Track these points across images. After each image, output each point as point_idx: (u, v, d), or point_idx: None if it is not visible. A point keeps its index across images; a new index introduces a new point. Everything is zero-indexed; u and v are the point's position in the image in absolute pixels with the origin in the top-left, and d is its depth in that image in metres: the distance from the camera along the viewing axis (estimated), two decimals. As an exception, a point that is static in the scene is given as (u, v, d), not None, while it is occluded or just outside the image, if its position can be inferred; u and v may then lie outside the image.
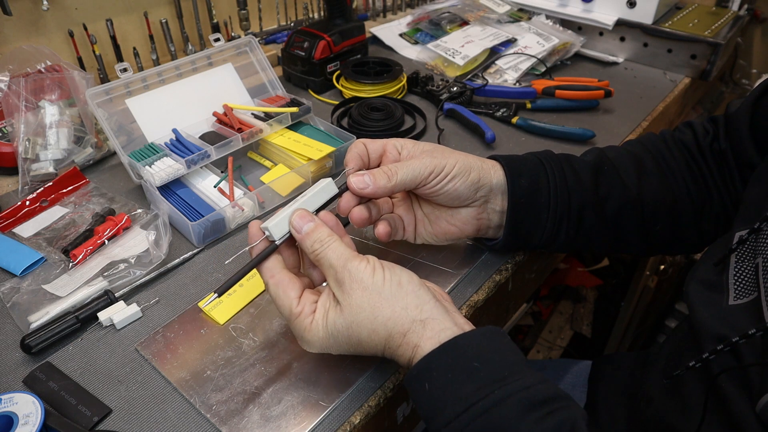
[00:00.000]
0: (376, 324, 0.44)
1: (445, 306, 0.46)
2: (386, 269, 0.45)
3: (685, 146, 0.64)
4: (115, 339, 0.55)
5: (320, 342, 0.45)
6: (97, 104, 0.71)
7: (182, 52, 1.03)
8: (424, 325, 0.43)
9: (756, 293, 0.46)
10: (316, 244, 0.46)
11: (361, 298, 0.44)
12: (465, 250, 0.64)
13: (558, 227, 0.58)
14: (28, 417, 0.41)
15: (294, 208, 0.48)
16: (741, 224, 0.52)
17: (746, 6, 1.37)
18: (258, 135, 0.77)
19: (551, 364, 0.85)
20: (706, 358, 0.47)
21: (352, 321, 0.44)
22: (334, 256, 0.45)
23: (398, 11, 1.34)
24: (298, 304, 0.45)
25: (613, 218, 0.59)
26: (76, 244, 0.63)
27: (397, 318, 0.43)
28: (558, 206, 0.57)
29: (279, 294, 0.46)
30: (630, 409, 0.65)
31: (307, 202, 0.49)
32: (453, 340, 0.42)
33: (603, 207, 0.59)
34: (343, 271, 0.44)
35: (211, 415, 0.47)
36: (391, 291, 0.44)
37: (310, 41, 0.95)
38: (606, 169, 0.60)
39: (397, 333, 0.44)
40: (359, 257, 0.45)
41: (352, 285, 0.44)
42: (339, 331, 0.44)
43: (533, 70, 1.06)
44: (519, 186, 0.56)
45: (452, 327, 0.44)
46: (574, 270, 1.63)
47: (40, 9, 0.83)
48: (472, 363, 0.41)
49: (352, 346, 0.45)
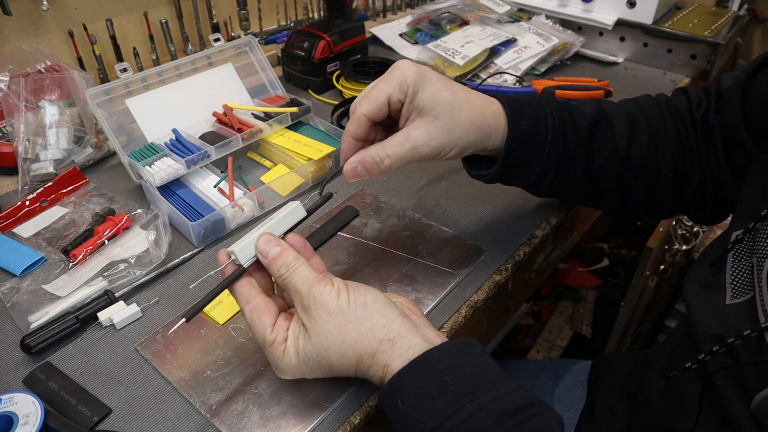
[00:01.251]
0: (345, 347, 0.43)
1: (413, 321, 0.46)
2: (351, 291, 0.45)
3: (678, 114, 0.63)
4: (115, 339, 0.55)
5: (293, 369, 0.45)
6: (97, 104, 0.71)
7: (182, 52, 1.02)
8: (393, 344, 0.43)
9: (752, 293, 0.46)
10: (282, 269, 0.45)
11: (327, 322, 0.43)
12: (465, 250, 0.64)
13: (546, 172, 0.58)
14: (28, 417, 0.41)
15: (260, 231, 0.47)
16: (737, 223, 0.52)
17: (746, 6, 1.37)
18: (258, 135, 0.77)
19: (551, 364, 0.85)
20: (702, 359, 0.47)
21: (320, 346, 0.43)
22: (300, 281, 0.44)
23: (398, 11, 1.34)
24: (271, 332, 0.45)
25: (598, 173, 0.59)
26: (76, 244, 0.63)
27: (364, 340, 0.43)
28: (552, 152, 0.56)
29: (254, 321, 0.45)
30: (629, 410, 0.65)
31: (274, 226, 0.48)
32: (422, 356, 0.42)
33: (592, 160, 0.59)
34: (309, 296, 0.44)
35: (211, 415, 0.47)
36: (357, 313, 0.44)
37: (310, 41, 0.95)
38: (602, 123, 0.60)
39: (366, 354, 0.43)
40: (324, 281, 0.44)
41: (317, 310, 0.44)
42: (310, 358, 0.44)
43: (533, 70, 1.06)
44: (519, 128, 0.55)
45: (421, 343, 0.43)
46: (574, 270, 1.63)
47: (40, 9, 0.83)
48: (442, 378, 0.41)
49: (324, 370, 0.45)
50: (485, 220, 0.69)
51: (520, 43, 1.09)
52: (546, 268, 0.81)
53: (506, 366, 0.88)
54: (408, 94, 0.51)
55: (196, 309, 0.45)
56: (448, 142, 0.52)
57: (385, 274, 0.61)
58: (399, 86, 0.51)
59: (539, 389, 0.80)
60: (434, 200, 0.73)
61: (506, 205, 0.72)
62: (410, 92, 0.51)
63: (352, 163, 0.52)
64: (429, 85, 0.51)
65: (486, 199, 0.73)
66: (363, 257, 0.64)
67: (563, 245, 0.82)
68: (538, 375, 0.82)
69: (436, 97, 0.51)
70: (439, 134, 0.51)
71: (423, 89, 0.51)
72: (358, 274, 0.61)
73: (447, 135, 0.52)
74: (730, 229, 0.52)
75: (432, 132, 0.51)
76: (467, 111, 0.52)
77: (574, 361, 0.83)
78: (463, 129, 0.52)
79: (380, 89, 0.51)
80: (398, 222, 0.69)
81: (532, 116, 0.56)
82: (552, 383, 0.80)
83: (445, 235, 0.66)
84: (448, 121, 0.52)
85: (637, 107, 0.63)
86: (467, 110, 0.52)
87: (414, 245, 0.65)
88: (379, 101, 0.51)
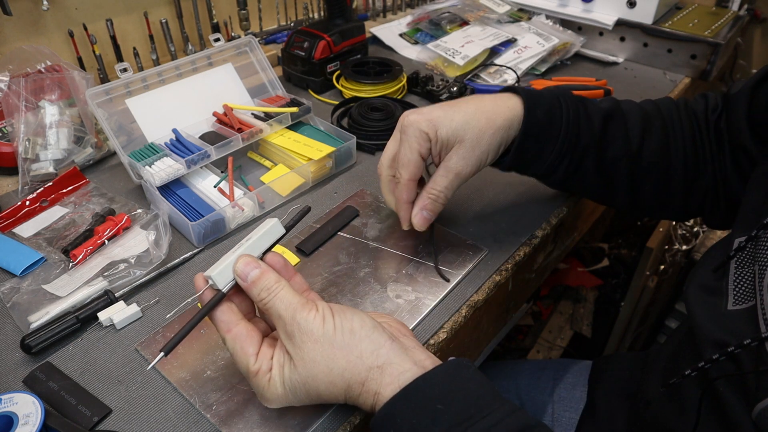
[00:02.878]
0: (333, 376, 0.42)
1: (402, 344, 0.44)
2: (336, 316, 0.43)
3: (695, 116, 0.65)
4: (115, 339, 0.55)
5: (280, 399, 0.43)
6: (97, 104, 0.71)
7: (182, 52, 1.02)
8: (382, 371, 0.42)
9: (754, 300, 0.46)
10: (263, 293, 0.43)
11: (313, 351, 0.42)
12: (465, 250, 0.64)
13: (560, 161, 0.60)
14: (28, 417, 0.41)
15: (238, 253, 0.45)
16: (739, 230, 0.52)
17: (746, 6, 1.37)
18: (258, 135, 0.77)
19: (551, 364, 0.85)
20: (703, 366, 0.46)
21: (307, 375, 0.42)
22: (282, 306, 0.42)
23: (398, 11, 1.34)
24: (255, 361, 0.43)
25: (609, 166, 0.61)
26: (76, 244, 0.63)
27: (353, 368, 0.42)
28: (567, 141, 0.59)
29: (236, 350, 0.43)
30: (629, 410, 0.65)
31: (252, 246, 0.46)
32: (413, 383, 0.41)
33: (604, 153, 0.61)
34: (292, 323, 0.42)
35: (211, 415, 0.47)
36: (344, 340, 0.42)
37: (310, 41, 0.95)
38: (616, 117, 0.62)
39: (356, 383, 0.42)
40: (308, 306, 0.43)
41: (302, 338, 0.42)
42: (297, 387, 0.42)
43: (533, 70, 1.06)
44: (534, 116, 0.58)
45: (412, 368, 0.42)
46: (574, 270, 1.63)
47: (40, 9, 0.83)
48: (435, 405, 0.40)
49: (313, 399, 0.44)
50: (485, 220, 0.69)
51: (520, 43, 1.09)
52: (546, 268, 0.81)
53: (506, 366, 0.88)
54: (432, 140, 0.57)
55: (174, 342, 0.43)
56: (482, 154, 0.57)
57: (385, 274, 0.61)
58: (422, 139, 0.57)
59: (539, 389, 0.80)
60: (434, 200, 0.72)
61: (506, 206, 0.72)
62: (432, 137, 0.57)
63: (416, 215, 0.59)
64: (441, 121, 0.57)
65: (486, 199, 0.73)
66: (363, 257, 0.64)
67: (563, 245, 0.82)
68: (538, 375, 0.82)
69: (452, 125, 0.57)
70: (471, 153, 0.57)
71: (440, 127, 0.56)
72: (358, 274, 0.61)
73: (477, 149, 0.57)
74: (733, 235, 0.52)
75: (464, 154, 0.57)
76: (483, 119, 0.57)
77: (574, 361, 0.83)
78: (488, 135, 0.57)
79: (408, 151, 0.57)
80: (398, 222, 0.69)
81: (547, 106, 0.59)
82: (552, 383, 0.80)
83: (445, 235, 0.66)
84: (473, 138, 0.57)
85: (654, 106, 0.65)
86: (483, 118, 0.57)
87: (414, 245, 0.65)
88: (416, 161, 0.57)
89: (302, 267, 0.63)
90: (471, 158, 0.57)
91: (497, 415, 0.40)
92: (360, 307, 0.58)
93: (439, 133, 0.56)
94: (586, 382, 0.77)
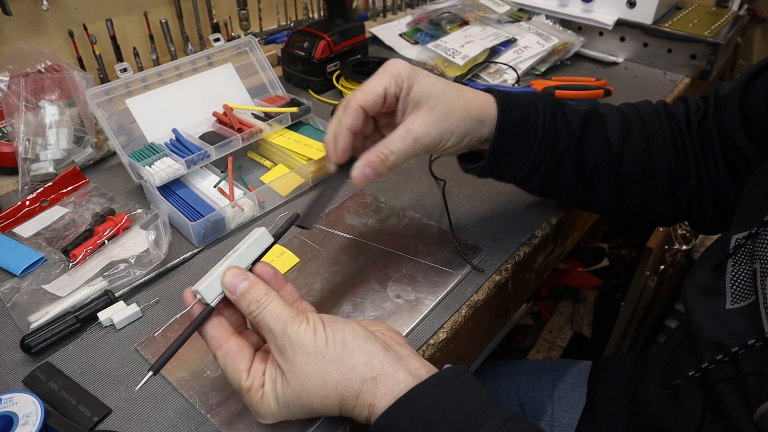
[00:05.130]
0: (326, 389, 0.41)
1: (396, 353, 0.44)
2: (328, 328, 0.42)
3: (675, 119, 0.64)
4: (115, 339, 0.55)
5: (273, 414, 0.43)
6: (97, 104, 0.71)
7: (182, 52, 1.02)
8: (376, 383, 0.41)
9: (753, 297, 0.46)
10: (252, 306, 0.42)
11: (305, 365, 0.41)
12: (465, 250, 0.64)
13: (537, 166, 0.58)
14: (28, 417, 0.41)
15: (226, 265, 0.44)
16: (738, 227, 0.52)
17: (746, 6, 1.37)
18: (258, 135, 0.77)
19: (551, 364, 0.85)
20: (705, 368, 0.46)
21: (300, 390, 0.41)
22: (272, 319, 0.42)
23: (398, 11, 1.34)
24: (247, 378, 0.42)
25: (590, 170, 0.60)
26: (76, 244, 0.63)
27: (347, 381, 0.41)
28: (543, 144, 0.57)
29: (228, 367, 0.43)
30: (629, 411, 0.65)
31: (239, 257, 0.45)
32: (408, 393, 0.40)
33: (583, 156, 0.59)
34: (283, 336, 0.41)
35: (211, 415, 0.47)
36: (336, 352, 0.41)
37: (310, 41, 0.95)
38: (595, 121, 0.60)
39: (350, 395, 0.41)
40: (298, 318, 0.42)
41: (294, 352, 0.41)
42: (290, 402, 0.42)
43: (533, 70, 1.06)
44: (509, 118, 0.56)
45: (406, 378, 0.41)
46: (574, 270, 1.63)
47: (40, 9, 0.83)
48: (431, 416, 0.39)
49: (307, 413, 0.43)
50: (485, 220, 0.69)
51: (520, 43, 1.09)
52: (546, 268, 0.81)
53: (506, 366, 0.88)
54: (403, 87, 0.52)
55: (163, 360, 0.42)
56: (447, 130, 0.53)
57: (385, 274, 0.61)
58: (394, 80, 0.52)
59: (539, 389, 0.80)
60: (434, 200, 0.73)
61: (506, 205, 0.72)
62: (405, 86, 0.52)
63: (358, 168, 0.52)
64: (422, 79, 0.53)
65: (486, 199, 0.73)
66: (363, 257, 0.64)
67: (563, 245, 0.82)
68: (538, 375, 0.82)
69: (431, 88, 0.53)
70: (438, 123, 0.52)
71: (417, 82, 0.52)
72: (358, 274, 0.61)
73: (445, 123, 0.53)
74: (730, 233, 0.52)
75: (430, 122, 0.52)
76: (461, 99, 0.54)
77: (574, 362, 0.83)
78: (459, 116, 0.53)
79: (376, 82, 0.52)
80: (398, 222, 0.69)
81: (522, 108, 0.57)
82: (552, 383, 0.80)
83: (445, 235, 0.66)
84: (445, 110, 0.53)
85: (633, 110, 0.64)
86: (460, 98, 0.54)
87: (414, 245, 0.65)
88: (376, 92, 0.52)
89: (302, 267, 0.63)
90: (435, 128, 0.52)
91: (494, 422, 0.40)
92: (360, 307, 0.58)
93: (415, 88, 0.52)
94: (586, 382, 0.77)
